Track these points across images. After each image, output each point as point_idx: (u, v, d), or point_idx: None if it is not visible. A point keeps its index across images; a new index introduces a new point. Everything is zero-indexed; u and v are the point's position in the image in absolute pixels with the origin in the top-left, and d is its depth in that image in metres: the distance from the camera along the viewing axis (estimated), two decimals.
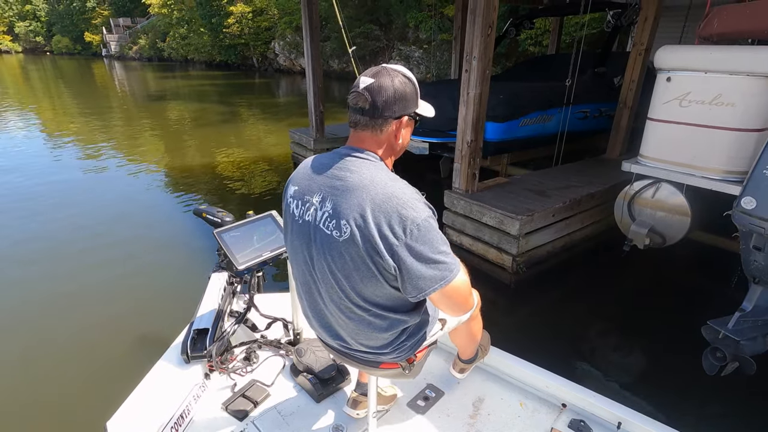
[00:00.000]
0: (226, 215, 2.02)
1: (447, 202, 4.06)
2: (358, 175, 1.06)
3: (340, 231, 1.05)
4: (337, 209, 1.06)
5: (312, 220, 1.12)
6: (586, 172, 4.65)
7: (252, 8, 25.55)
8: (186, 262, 4.06)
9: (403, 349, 1.24)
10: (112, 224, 4.88)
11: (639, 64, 4.82)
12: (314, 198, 1.11)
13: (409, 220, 1.00)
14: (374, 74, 1.08)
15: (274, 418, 1.65)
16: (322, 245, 1.10)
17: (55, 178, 6.56)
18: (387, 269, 1.04)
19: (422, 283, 1.03)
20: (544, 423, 1.64)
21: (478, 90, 3.61)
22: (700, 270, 3.69)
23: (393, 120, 1.10)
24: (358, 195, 1.04)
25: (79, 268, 3.90)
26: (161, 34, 35.22)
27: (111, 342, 2.91)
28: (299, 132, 6.93)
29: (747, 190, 2.11)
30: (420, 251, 1.01)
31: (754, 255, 2.14)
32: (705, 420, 2.32)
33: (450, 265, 1.05)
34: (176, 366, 1.76)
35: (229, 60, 28.67)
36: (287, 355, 1.95)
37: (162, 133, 10.06)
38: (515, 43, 13.78)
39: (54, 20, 48.17)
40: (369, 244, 1.02)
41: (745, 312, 2.22)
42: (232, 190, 6.09)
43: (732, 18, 3.08)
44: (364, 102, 1.07)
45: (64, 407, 2.43)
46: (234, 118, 11.92)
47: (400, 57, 18.55)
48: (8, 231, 4.69)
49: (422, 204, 1.05)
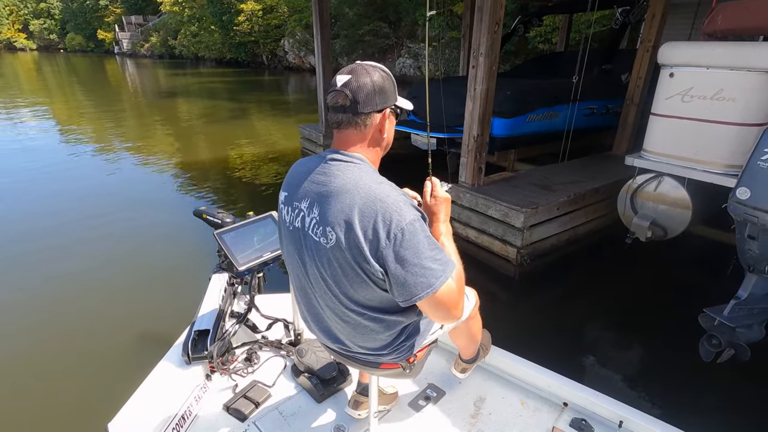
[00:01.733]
0: (227, 216, 2.01)
1: (453, 196, 4.15)
2: (342, 179, 1.05)
3: (326, 238, 1.04)
4: (323, 216, 1.05)
5: (301, 227, 1.11)
6: (591, 167, 4.71)
7: (262, 6, 25.74)
8: (187, 262, 4.02)
9: (402, 349, 1.23)
10: (114, 223, 4.83)
11: (646, 61, 4.86)
12: (302, 204, 1.11)
13: (394, 224, 0.98)
14: (350, 71, 1.07)
15: (276, 419, 1.65)
16: (312, 251, 1.10)
17: (67, 176, 6.61)
18: (375, 274, 1.02)
19: (409, 290, 1.00)
20: (545, 422, 1.64)
21: (484, 86, 3.69)
22: (701, 265, 3.73)
23: (375, 113, 1.09)
24: (341, 200, 1.02)
25: (79, 268, 3.86)
26: (172, 31, 35.59)
27: (111, 343, 2.89)
28: (309, 128, 7.06)
29: (742, 181, 2.18)
30: (404, 257, 0.98)
31: (749, 244, 2.22)
32: (704, 414, 2.34)
33: (437, 272, 1.01)
34: (177, 367, 1.75)
35: (239, 57, 28.92)
36: (288, 355, 1.95)
37: (172, 129, 10.22)
38: (525, 41, 13.78)
39: (68, 18, 48.87)
40: (356, 250, 1.01)
41: (741, 300, 2.29)
42: (242, 185, 6.18)
43: (736, 14, 3.13)
44: (345, 99, 1.05)
45: (64, 409, 2.42)
46: (244, 115, 12.06)
47: (408, 54, 18.60)
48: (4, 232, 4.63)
49: (408, 207, 1.01)
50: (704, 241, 3.71)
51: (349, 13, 19.99)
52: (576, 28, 8.99)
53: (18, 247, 4.27)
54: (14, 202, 5.49)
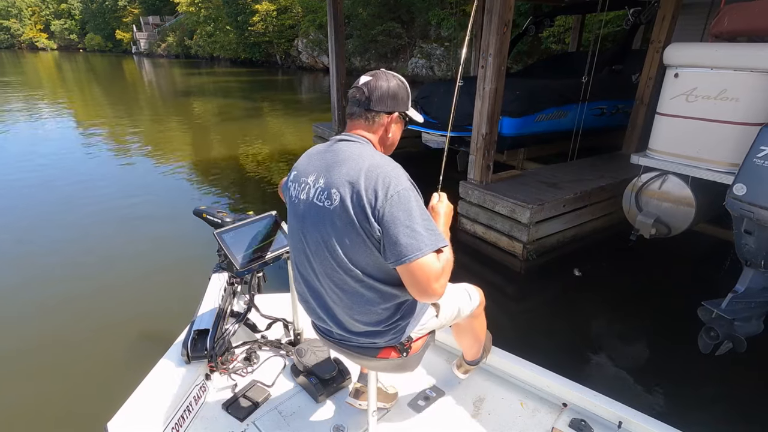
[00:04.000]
0: (227, 215, 2.00)
1: (462, 193, 4.26)
2: (349, 152, 1.18)
3: (331, 200, 1.15)
4: (327, 181, 1.17)
5: (306, 198, 1.22)
6: (600, 167, 4.77)
7: (277, 6, 26.07)
8: (186, 262, 3.98)
9: (397, 329, 1.27)
10: (115, 221, 4.83)
11: (656, 62, 4.89)
12: (309, 178, 1.23)
13: (392, 186, 1.09)
14: (372, 75, 1.26)
15: (275, 419, 1.65)
16: (315, 218, 1.19)
17: (79, 171, 6.76)
18: (373, 234, 1.11)
19: (400, 249, 1.08)
20: (545, 422, 1.64)
21: (493, 85, 3.80)
22: (705, 262, 3.78)
23: (384, 114, 1.25)
24: (347, 166, 1.15)
25: (78, 267, 3.85)
26: (188, 31, 36.19)
27: (111, 343, 2.87)
28: (322, 126, 7.22)
29: (739, 178, 2.26)
30: (397, 216, 1.08)
31: (746, 239, 2.29)
32: (704, 413, 2.35)
33: (425, 239, 1.08)
34: (177, 366, 1.75)
35: (253, 57, 29.32)
36: (288, 355, 1.96)
37: (187, 127, 10.43)
38: (538, 41, 13.80)
39: (87, 18, 49.97)
40: (357, 208, 1.11)
41: (738, 293, 2.36)
42: (253, 183, 6.27)
43: (742, 16, 3.18)
44: (362, 95, 1.23)
45: (64, 408, 2.40)
46: (257, 114, 12.28)
47: (421, 54, 18.69)
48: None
49: (405, 177, 1.14)
50: (708, 239, 3.76)
51: (362, 14, 20.14)
52: (589, 29, 9.00)
53: (17, 246, 4.23)
54: (19, 197, 5.59)
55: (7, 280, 3.64)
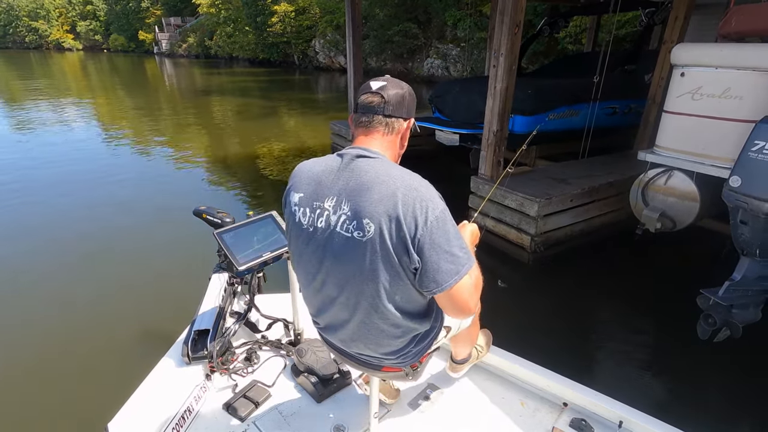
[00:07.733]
0: (226, 216, 2.00)
1: (473, 187, 4.42)
2: (374, 173, 1.05)
3: (363, 231, 1.02)
4: (356, 209, 1.03)
5: (325, 227, 1.09)
6: (610, 164, 4.86)
7: (295, 7, 26.49)
8: (187, 262, 3.98)
9: (408, 355, 1.24)
10: (115, 219, 4.88)
11: (668, 62, 4.93)
12: (327, 203, 1.08)
13: (430, 211, 1.00)
14: (384, 80, 1.15)
15: (276, 419, 1.64)
16: (342, 250, 1.07)
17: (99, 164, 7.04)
18: (410, 266, 1.03)
19: (441, 276, 1.02)
20: (545, 422, 1.63)
21: (504, 84, 3.94)
22: (709, 256, 3.85)
23: (402, 120, 1.16)
24: (377, 191, 1.02)
25: (78, 266, 3.87)
26: (209, 32, 36.97)
27: (111, 343, 2.88)
28: (339, 124, 7.44)
29: (734, 170, 2.37)
30: (438, 243, 1.01)
31: (741, 229, 2.40)
32: (704, 412, 2.39)
33: (462, 259, 1.04)
34: (177, 367, 1.75)
35: (271, 57, 29.83)
36: (288, 355, 1.95)
37: (206, 125, 10.72)
38: (554, 42, 13.80)
39: (111, 20, 51.40)
40: (397, 239, 1.01)
41: (735, 281, 2.47)
42: (269, 181, 6.35)
43: (750, 17, 3.27)
44: (380, 100, 1.11)
45: (64, 408, 2.41)
46: (275, 113, 12.55)
47: (437, 55, 18.82)
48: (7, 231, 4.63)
49: (438, 196, 1.06)
50: (711, 233, 3.83)
51: (379, 14, 20.36)
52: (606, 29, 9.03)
53: (18, 246, 4.25)
54: (31, 190, 5.76)
55: (7, 281, 3.67)
